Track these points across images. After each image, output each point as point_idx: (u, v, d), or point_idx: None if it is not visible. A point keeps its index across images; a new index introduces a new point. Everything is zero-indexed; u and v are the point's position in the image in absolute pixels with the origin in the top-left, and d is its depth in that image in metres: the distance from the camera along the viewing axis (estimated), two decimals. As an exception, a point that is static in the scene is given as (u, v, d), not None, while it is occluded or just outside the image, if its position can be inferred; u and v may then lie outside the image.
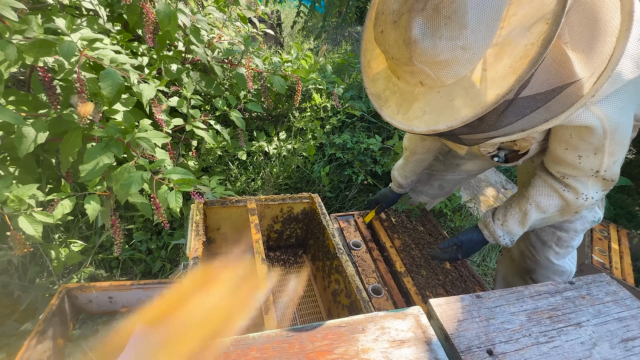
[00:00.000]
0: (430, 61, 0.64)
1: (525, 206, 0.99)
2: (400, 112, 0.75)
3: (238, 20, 1.93)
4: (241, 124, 1.64)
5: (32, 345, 1.06)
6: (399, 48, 0.65)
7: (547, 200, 0.95)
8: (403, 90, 0.76)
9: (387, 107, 0.78)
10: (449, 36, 0.60)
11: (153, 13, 1.20)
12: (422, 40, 0.61)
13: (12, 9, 0.85)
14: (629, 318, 0.71)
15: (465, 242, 1.13)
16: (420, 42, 0.62)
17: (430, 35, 0.61)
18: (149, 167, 1.00)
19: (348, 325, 0.62)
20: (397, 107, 0.76)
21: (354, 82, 2.73)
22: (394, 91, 0.78)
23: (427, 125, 0.71)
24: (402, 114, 0.75)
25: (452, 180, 1.59)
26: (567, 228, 1.19)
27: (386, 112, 0.78)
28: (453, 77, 0.66)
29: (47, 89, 0.95)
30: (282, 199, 1.39)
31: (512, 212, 1.03)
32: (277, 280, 1.43)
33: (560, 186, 0.92)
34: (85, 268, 1.52)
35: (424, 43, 0.62)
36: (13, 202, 0.86)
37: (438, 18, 0.59)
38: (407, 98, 0.75)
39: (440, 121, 0.69)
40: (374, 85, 0.82)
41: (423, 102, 0.72)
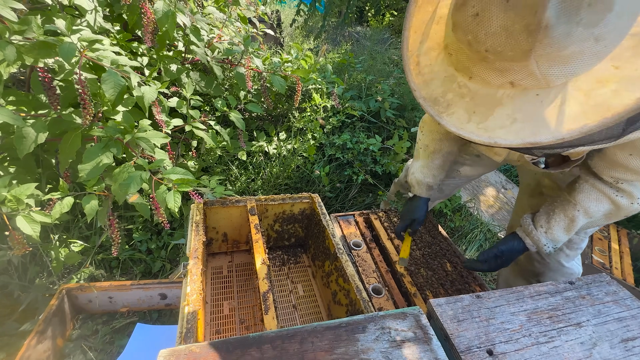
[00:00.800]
0: (552, 55, 0.50)
1: (572, 212, 0.91)
2: (473, 121, 0.61)
3: (238, 21, 1.93)
4: (241, 124, 1.64)
5: (32, 345, 1.06)
6: (509, 36, 0.50)
7: (597, 205, 0.88)
8: (477, 92, 0.61)
9: (450, 114, 0.64)
10: (587, 21, 0.46)
11: (152, 12, 1.20)
12: (556, 26, 0.46)
13: (12, 9, 0.85)
14: (629, 318, 0.71)
15: (506, 252, 1.04)
16: (554, 28, 0.47)
17: (566, 20, 0.46)
18: (148, 167, 1.00)
19: (348, 325, 0.62)
20: (468, 114, 0.62)
21: (354, 82, 2.73)
22: (460, 94, 0.63)
23: (521, 137, 0.56)
24: (477, 123, 0.60)
25: (452, 184, 1.57)
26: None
27: (450, 121, 0.64)
28: (567, 75, 0.52)
29: (47, 89, 0.95)
30: (282, 199, 1.39)
31: (556, 218, 0.94)
32: (277, 280, 1.43)
33: (612, 191, 0.85)
34: (85, 268, 1.52)
35: (558, 29, 0.47)
36: (11, 202, 0.86)
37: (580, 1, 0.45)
38: (485, 102, 0.60)
39: (542, 132, 0.54)
40: (426, 87, 0.67)
41: (511, 108, 0.58)
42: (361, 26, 5.55)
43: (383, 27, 5.30)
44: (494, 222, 2.31)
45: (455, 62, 0.64)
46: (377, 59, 3.39)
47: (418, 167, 1.28)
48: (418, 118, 2.65)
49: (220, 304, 1.28)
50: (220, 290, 1.33)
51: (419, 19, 0.70)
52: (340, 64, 2.98)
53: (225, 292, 1.33)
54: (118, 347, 1.33)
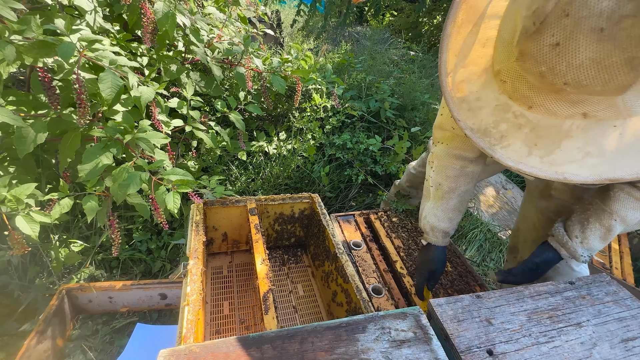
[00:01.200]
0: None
1: (608, 222, 0.87)
2: (535, 154, 0.56)
3: (238, 21, 1.93)
4: (241, 125, 1.64)
5: (32, 345, 1.06)
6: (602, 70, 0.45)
7: (634, 213, 0.84)
8: (538, 123, 0.56)
9: (505, 146, 0.58)
10: None
11: (152, 13, 1.20)
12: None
13: (12, 9, 0.85)
14: (629, 318, 0.71)
15: (542, 264, 1.00)
16: None
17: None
18: (147, 167, 1.00)
19: (348, 325, 0.62)
20: (529, 147, 0.57)
21: (354, 82, 2.73)
22: (517, 125, 0.58)
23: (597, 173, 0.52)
24: (541, 157, 0.55)
25: None
26: None
27: (505, 154, 0.58)
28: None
29: (46, 89, 0.95)
30: (282, 199, 1.39)
31: (591, 228, 0.90)
32: (277, 280, 1.43)
33: None
34: (85, 268, 1.52)
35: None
36: (10, 202, 0.86)
37: None
38: (549, 134, 0.55)
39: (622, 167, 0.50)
40: (473, 116, 0.61)
41: (583, 140, 0.53)
42: (361, 26, 5.55)
43: (383, 27, 5.30)
44: (494, 222, 2.31)
45: (510, 90, 0.58)
46: (377, 59, 3.39)
47: (430, 209, 1.12)
48: (418, 118, 2.65)
49: (220, 304, 1.28)
50: (220, 290, 1.33)
51: (458, 41, 0.63)
52: (340, 64, 2.98)
53: (225, 292, 1.33)
54: (118, 347, 1.33)
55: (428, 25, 5.23)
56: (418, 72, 3.50)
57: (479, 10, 0.61)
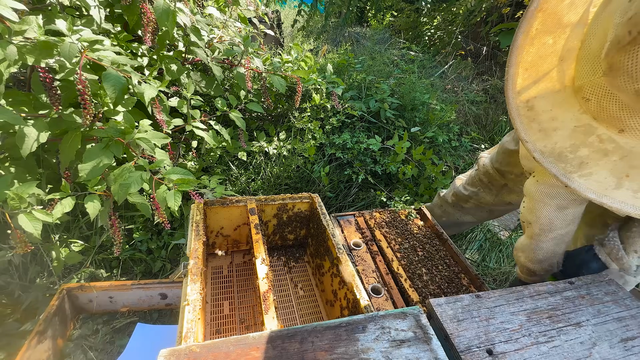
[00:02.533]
0: None
1: None
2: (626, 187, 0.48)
3: (238, 21, 1.93)
4: (241, 124, 1.64)
5: (33, 345, 1.06)
6: None
7: None
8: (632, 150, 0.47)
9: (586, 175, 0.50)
10: None
11: (152, 12, 1.20)
12: None
13: (13, 9, 0.86)
14: (628, 318, 0.71)
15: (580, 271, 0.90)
16: None
17: None
18: (148, 167, 1.01)
19: (348, 325, 0.62)
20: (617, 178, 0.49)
21: (354, 82, 2.73)
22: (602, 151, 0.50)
23: None
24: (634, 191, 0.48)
25: (503, 210, 1.41)
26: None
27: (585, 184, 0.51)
28: None
29: (47, 89, 0.95)
30: (282, 199, 1.39)
31: None
32: (277, 280, 1.43)
33: None
34: (85, 268, 1.52)
35: None
36: (13, 200, 0.86)
37: None
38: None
39: None
40: (545, 138, 0.53)
41: None
42: (361, 26, 5.55)
43: (383, 27, 5.30)
44: (494, 222, 2.31)
45: (595, 109, 0.50)
46: (377, 59, 3.40)
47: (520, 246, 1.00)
48: (418, 118, 2.65)
49: (221, 303, 1.28)
50: (220, 290, 1.33)
51: (531, 53, 0.56)
52: (340, 64, 2.98)
53: (226, 292, 1.33)
54: (118, 346, 1.33)
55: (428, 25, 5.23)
56: (418, 72, 3.50)
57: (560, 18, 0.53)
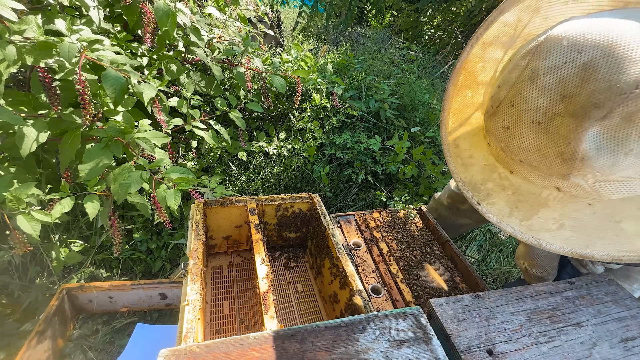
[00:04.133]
0: (600, 179, 0.48)
1: None
2: (515, 216, 0.57)
3: (238, 21, 1.93)
4: (241, 123, 1.64)
5: (33, 345, 1.06)
6: (544, 157, 0.49)
7: None
8: (520, 188, 0.57)
9: (490, 204, 0.61)
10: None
11: (152, 12, 1.20)
12: (596, 157, 0.45)
13: (12, 9, 0.86)
14: (628, 318, 0.71)
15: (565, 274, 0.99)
16: (594, 159, 0.45)
17: (611, 150, 0.45)
18: (148, 166, 1.00)
19: (348, 325, 0.62)
20: (510, 208, 0.58)
21: (354, 82, 2.73)
22: (501, 186, 0.60)
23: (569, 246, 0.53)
24: (520, 220, 0.57)
25: None
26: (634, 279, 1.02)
27: (490, 211, 0.61)
28: (625, 193, 0.48)
29: (47, 89, 0.95)
30: (282, 199, 1.39)
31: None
32: (277, 280, 1.43)
33: None
34: (85, 268, 1.52)
35: (601, 160, 0.45)
36: (11, 202, 0.86)
37: (629, 128, 0.43)
38: (528, 200, 0.57)
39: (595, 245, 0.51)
40: (465, 171, 0.65)
41: (559, 212, 0.54)
42: (361, 26, 5.55)
43: (383, 27, 5.30)
44: (494, 222, 2.31)
45: (495, 154, 0.60)
46: (377, 59, 3.40)
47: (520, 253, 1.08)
48: (418, 118, 2.65)
49: (220, 303, 1.28)
50: (220, 290, 1.33)
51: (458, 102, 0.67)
52: (340, 64, 2.98)
53: (225, 292, 1.33)
54: (118, 346, 1.33)
55: (428, 25, 5.23)
56: (418, 72, 3.50)
57: (476, 77, 0.64)
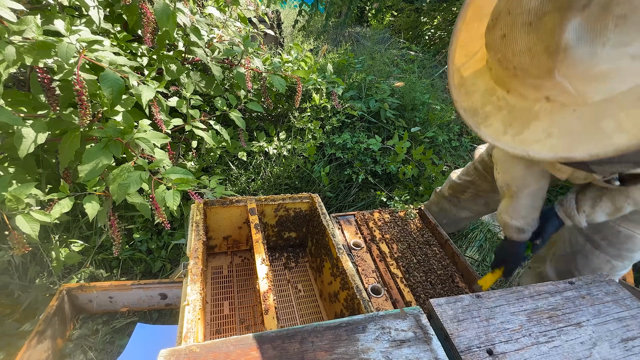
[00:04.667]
0: (580, 73, 0.52)
1: (621, 203, 0.97)
2: (509, 133, 0.63)
3: (238, 21, 1.93)
4: (241, 123, 1.64)
5: (33, 345, 1.06)
6: (533, 57, 0.54)
7: None
8: (514, 106, 0.63)
9: (487, 125, 0.66)
10: (618, 41, 0.48)
11: (152, 13, 1.20)
12: (576, 47, 0.49)
13: (11, 9, 0.85)
14: (628, 318, 0.71)
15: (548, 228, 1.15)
16: (574, 49, 0.49)
17: (589, 41, 0.48)
18: (147, 167, 1.00)
19: (348, 325, 0.62)
20: (505, 127, 0.64)
21: (354, 82, 2.73)
22: (498, 107, 0.65)
23: (554, 152, 0.57)
24: (513, 135, 0.62)
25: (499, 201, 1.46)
26: (626, 257, 1.11)
27: (487, 132, 0.66)
28: (606, 93, 0.52)
29: (46, 89, 0.95)
30: (282, 199, 1.39)
31: (602, 206, 1.00)
32: (277, 280, 1.43)
33: None
34: (85, 268, 1.52)
35: (580, 50, 0.49)
36: (10, 202, 0.86)
37: (607, 18, 0.47)
38: (521, 116, 0.62)
39: (577, 147, 0.55)
40: (467, 99, 0.70)
41: (547, 122, 0.58)
42: (361, 26, 5.55)
43: (383, 27, 5.30)
44: (494, 222, 2.31)
45: (494, 76, 0.65)
46: (377, 59, 3.39)
47: (503, 207, 1.19)
48: (418, 118, 2.65)
49: (221, 303, 1.28)
50: (220, 290, 1.33)
51: (465, 35, 0.72)
52: (340, 64, 2.98)
53: (226, 292, 1.33)
54: (118, 347, 1.33)
55: (429, 25, 5.23)
56: (418, 72, 3.50)
57: (483, 9, 0.70)
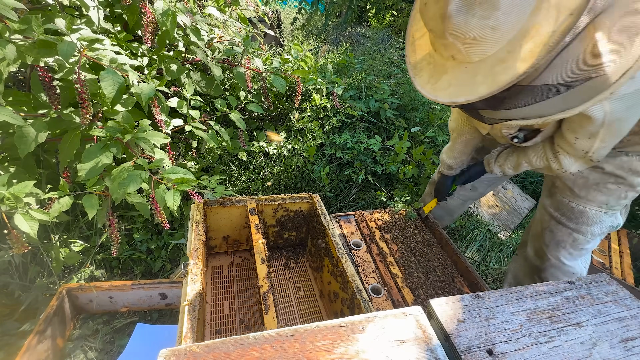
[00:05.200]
0: (461, 37, 0.70)
1: (521, 160, 1.18)
2: (430, 83, 0.82)
3: (238, 21, 1.93)
4: (241, 124, 1.64)
5: (33, 345, 1.06)
6: (436, 21, 0.71)
7: (538, 162, 1.11)
8: (437, 62, 0.81)
9: (420, 76, 0.85)
10: (481, 15, 0.66)
11: (152, 12, 1.20)
12: (456, 16, 0.67)
13: (12, 8, 0.85)
14: (628, 318, 0.71)
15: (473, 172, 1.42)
16: (454, 17, 0.68)
17: (464, 12, 0.67)
18: (147, 167, 1.00)
19: (348, 325, 0.62)
20: (428, 78, 0.83)
21: (354, 82, 2.73)
22: (429, 62, 0.84)
23: (449, 97, 0.77)
24: (431, 84, 0.81)
25: (485, 180, 1.62)
26: (585, 231, 1.21)
27: (418, 81, 0.85)
28: (480, 54, 0.71)
29: (47, 88, 0.95)
30: (282, 199, 1.39)
31: (510, 160, 1.23)
32: (277, 280, 1.43)
33: (551, 156, 1.05)
34: (85, 268, 1.52)
35: (457, 18, 0.68)
36: (9, 200, 0.86)
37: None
38: (439, 70, 0.80)
39: (460, 94, 0.74)
40: (413, 55, 0.89)
41: (451, 75, 0.77)
42: (361, 26, 5.54)
43: (383, 27, 5.30)
44: (494, 222, 2.31)
45: (430, 38, 0.83)
46: (377, 59, 3.39)
47: (445, 148, 1.48)
48: (418, 118, 2.65)
49: (221, 303, 1.28)
50: (220, 290, 1.33)
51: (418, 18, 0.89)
52: (340, 64, 2.98)
53: (226, 292, 1.33)
54: (118, 347, 1.33)
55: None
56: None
57: None
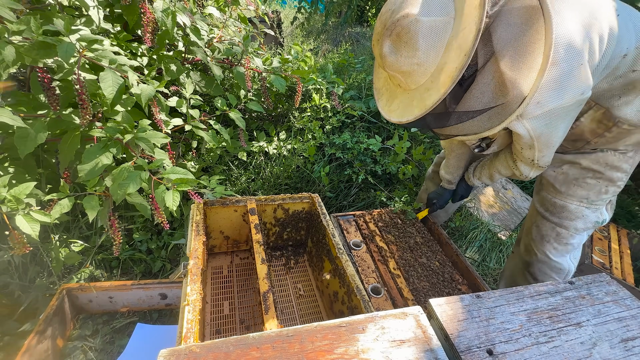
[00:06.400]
0: (397, 70, 0.88)
1: (492, 170, 1.36)
2: (387, 105, 1.00)
3: (238, 21, 1.92)
4: (241, 123, 1.64)
5: (33, 345, 1.06)
6: (379, 58, 0.91)
7: (505, 170, 1.27)
8: (391, 88, 0.99)
9: (381, 100, 1.03)
10: (406, 55, 0.84)
11: (152, 12, 1.20)
12: (389, 55, 0.86)
13: (11, 9, 0.85)
14: (628, 318, 0.71)
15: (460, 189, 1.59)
16: (388, 57, 0.86)
17: (394, 53, 0.85)
18: (147, 167, 1.00)
19: (348, 325, 0.62)
20: (386, 101, 1.00)
21: (354, 82, 2.73)
22: (387, 88, 1.01)
23: (398, 118, 0.94)
24: (388, 107, 0.99)
25: None
26: (567, 225, 1.26)
27: (380, 104, 1.03)
28: (415, 83, 0.88)
29: (46, 89, 0.95)
30: (282, 199, 1.39)
31: (484, 172, 1.41)
32: (277, 280, 1.43)
33: (512, 164, 1.21)
34: (85, 268, 1.52)
35: (390, 57, 0.86)
36: (10, 202, 0.86)
37: (399, 42, 0.83)
38: (392, 95, 0.98)
39: (404, 115, 0.92)
40: (378, 81, 1.06)
41: (399, 100, 0.95)
42: (361, 26, 5.54)
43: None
44: (494, 222, 2.30)
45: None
46: (377, 58, 3.38)
47: (442, 164, 1.62)
48: (418, 118, 2.64)
49: (221, 303, 1.28)
50: (220, 290, 1.33)
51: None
52: (340, 64, 2.98)
53: (226, 292, 1.33)
54: (118, 347, 1.33)
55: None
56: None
57: None
